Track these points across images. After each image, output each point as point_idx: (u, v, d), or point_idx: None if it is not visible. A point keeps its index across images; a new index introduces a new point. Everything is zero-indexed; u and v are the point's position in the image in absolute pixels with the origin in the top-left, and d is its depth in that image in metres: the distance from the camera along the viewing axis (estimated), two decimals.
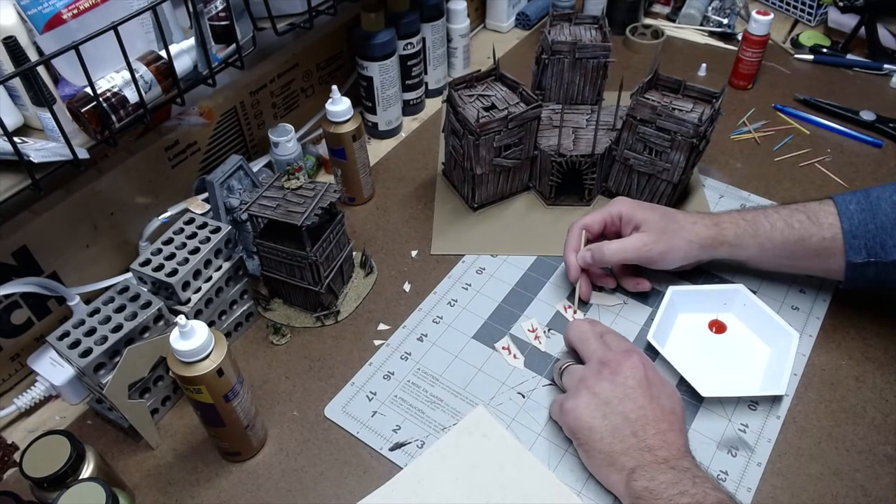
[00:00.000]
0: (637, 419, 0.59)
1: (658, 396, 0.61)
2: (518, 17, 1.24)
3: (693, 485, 0.54)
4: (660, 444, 0.57)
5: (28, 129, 0.69)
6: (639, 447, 0.58)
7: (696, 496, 0.53)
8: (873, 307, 0.75)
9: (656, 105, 0.78)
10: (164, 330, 0.65)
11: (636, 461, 0.57)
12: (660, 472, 0.55)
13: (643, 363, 0.63)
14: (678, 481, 0.54)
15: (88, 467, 0.56)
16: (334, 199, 0.72)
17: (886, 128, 0.97)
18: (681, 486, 0.54)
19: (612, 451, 0.59)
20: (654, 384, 0.61)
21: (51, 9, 0.61)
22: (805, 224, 0.70)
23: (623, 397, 0.60)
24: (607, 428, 0.59)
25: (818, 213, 0.70)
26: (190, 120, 0.82)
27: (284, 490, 0.64)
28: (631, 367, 0.62)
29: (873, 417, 0.67)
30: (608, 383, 0.61)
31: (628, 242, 0.73)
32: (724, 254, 0.73)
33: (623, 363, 0.62)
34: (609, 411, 0.60)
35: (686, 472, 0.55)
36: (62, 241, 0.72)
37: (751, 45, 1.03)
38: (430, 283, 0.81)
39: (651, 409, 0.60)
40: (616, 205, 0.76)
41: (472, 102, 0.83)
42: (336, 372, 0.73)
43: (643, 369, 0.62)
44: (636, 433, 0.58)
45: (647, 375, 0.62)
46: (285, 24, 0.80)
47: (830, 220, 0.69)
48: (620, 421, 0.59)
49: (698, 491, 0.53)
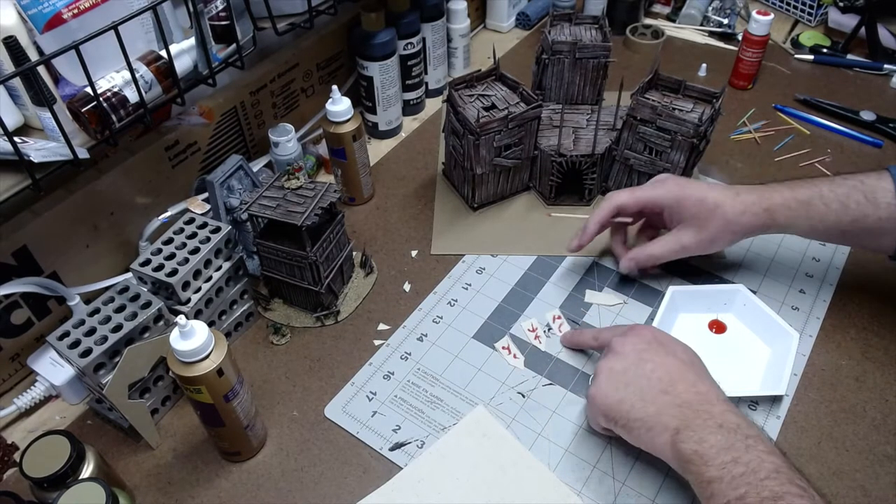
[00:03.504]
0: (661, 377, 0.58)
1: (674, 351, 0.60)
2: (518, 17, 1.24)
3: (746, 449, 0.51)
4: (696, 398, 0.56)
5: (28, 128, 0.69)
6: (675, 403, 0.56)
7: (749, 464, 0.50)
8: (873, 307, 0.75)
9: (656, 105, 0.78)
10: (164, 330, 0.65)
11: (678, 419, 0.55)
12: (708, 432, 0.53)
13: (648, 328, 0.63)
14: (730, 445, 0.52)
15: (88, 467, 0.56)
16: (334, 198, 0.72)
17: (886, 128, 0.97)
18: (734, 452, 0.51)
19: (647, 416, 0.57)
20: (665, 342, 0.61)
21: (51, 8, 0.61)
22: (862, 205, 0.66)
23: (638, 361, 0.60)
24: (635, 394, 0.58)
25: (875, 192, 0.66)
26: (190, 120, 0.82)
27: (284, 490, 0.64)
28: (636, 333, 0.62)
29: (873, 417, 0.67)
30: (619, 356, 0.61)
31: (671, 244, 0.73)
32: (775, 231, 0.71)
33: (627, 334, 0.63)
34: (630, 379, 0.59)
35: (736, 431, 0.53)
36: (62, 241, 0.72)
37: (751, 45, 1.03)
38: (430, 282, 0.81)
39: (671, 363, 0.59)
40: (657, 189, 0.73)
41: (473, 102, 0.83)
42: (336, 372, 0.73)
43: (650, 332, 0.62)
44: (665, 391, 0.57)
45: (656, 336, 0.62)
46: (285, 24, 0.80)
47: (888, 199, 0.65)
48: (645, 383, 0.58)
49: (752, 457, 0.51)
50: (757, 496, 0.49)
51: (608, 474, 0.63)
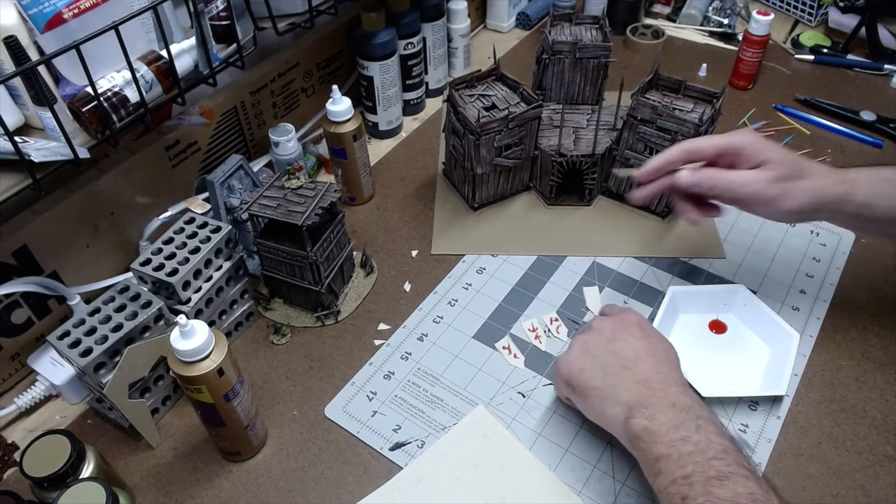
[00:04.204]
0: (627, 355, 0.58)
1: (649, 336, 0.60)
2: (518, 17, 1.24)
3: (696, 429, 0.51)
4: (655, 378, 0.56)
5: (29, 128, 0.69)
6: (633, 380, 0.56)
7: (699, 443, 0.50)
8: (873, 307, 0.75)
9: (657, 105, 0.78)
10: (165, 329, 0.65)
11: (632, 394, 0.56)
12: (660, 410, 0.53)
13: (636, 316, 0.63)
14: (680, 423, 0.52)
15: (88, 467, 0.56)
16: (334, 198, 0.72)
17: (887, 128, 0.97)
18: (683, 431, 0.51)
19: (605, 386, 0.58)
20: (644, 328, 0.62)
21: (52, 8, 0.61)
22: None
23: (612, 339, 0.60)
24: (598, 366, 0.59)
25: None
26: (190, 119, 0.82)
27: (284, 490, 0.64)
28: (621, 316, 0.63)
29: (873, 417, 0.67)
30: (596, 332, 0.62)
31: (745, 175, 0.64)
32: (847, 214, 0.65)
33: (613, 315, 0.64)
34: (598, 352, 0.60)
35: (688, 410, 0.53)
36: (62, 241, 0.72)
37: (751, 46, 1.03)
38: (431, 282, 0.81)
39: (642, 346, 0.59)
40: (738, 135, 0.66)
41: (473, 102, 0.83)
42: (336, 372, 0.73)
43: (635, 318, 0.63)
44: (627, 367, 0.58)
45: (639, 322, 0.62)
46: (286, 24, 0.80)
47: None
48: (611, 358, 0.59)
49: (701, 437, 0.51)
50: (703, 475, 0.49)
51: (608, 474, 0.63)
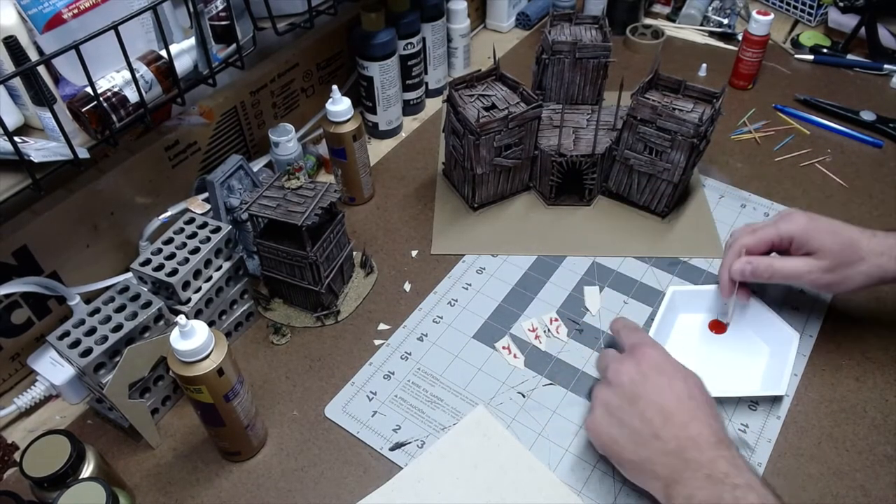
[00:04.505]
0: (652, 417, 0.56)
1: (670, 384, 0.58)
2: (518, 17, 1.24)
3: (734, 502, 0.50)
4: (686, 444, 0.54)
5: (28, 128, 0.69)
6: (664, 451, 0.55)
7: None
8: (873, 308, 0.75)
9: (657, 105, 0.78)
10: (165, 330, 0.65)
11: (667, 468, 0.54)
12: (697, 487, 0.52)
13: (649, 353, 0.60)
14: (718, 501, 0.51)
15: (88, 467, 0.56)
16: (334, 198, 0.72)
17: (886, 128, 0.97)
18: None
19: (639, 459, 0.56)
20: (661, 373, 0.59)
21: (51, 8, 0.61)
22: None
23: (633, 397, 0.58)
24: (627, 435, 0.57)
25: None
26: (190, 120, 0.82)
27: (284, 490, 0.64)
28: (634, 361, 0.60)
29: (873, 417, 0.67)
30: (615, 389, 0.59)
31: (798, 265, 0.66)
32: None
33: (626, 360, 0.60)
34: (623, 417, 0.58)
35: (723, 481, 0.52)
36: (62, 241, 0.72)
37: (751, 46, 1.03)
38: (431, 282, 0.81)
39: (665, 400, 0.57)
40: (789, 222, 0.67)
41: (473, 102, 0.83)
42: (336, 372, 0.73)
43: (648, 360, 0.60)
44: (657, 434, 0.56)
45: (655, 363, 0.59)
46: (286, 24, 0.80)
47: None
48: (637, 423, 0.57)
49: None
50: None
51: (608, 474, 0.63)
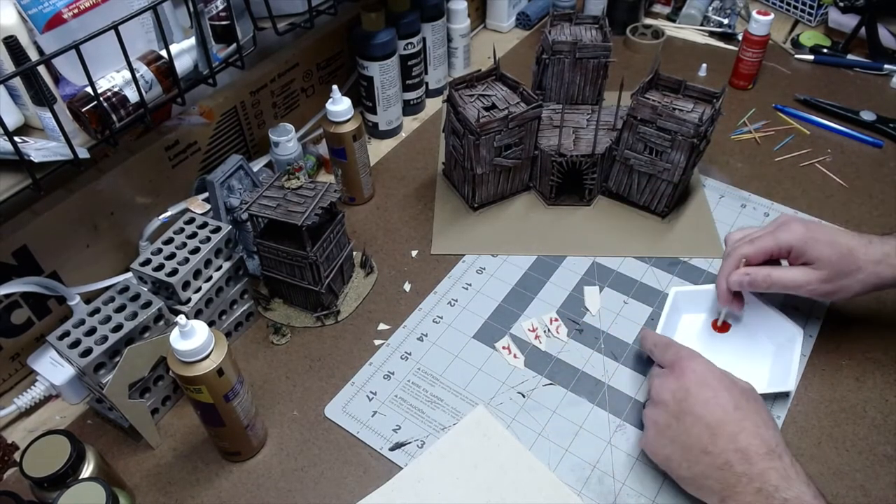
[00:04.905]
0: (700, 433, 0.56)
1: (715, 398, 0.57)
2: (518, 17, 1.24)
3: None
4: (735, 457, 0.55)
5: (28, 128, 0.69)
6: (715, 465, 0.55)
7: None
8: (873, 308, 0.75)
9: (657, 105, 0.78)
10: (165, 330, 0.65)
11: (720, 483, 0.55)
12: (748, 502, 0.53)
13: (690, 366, 0.60)
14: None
15: (88, 467, 0.56)
16: (334, 198, 0.72)
17: (886, 128, 0.97)
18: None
19: (693, 476, 0.57)
20: (705, 386, 0.58)
21: (51, 8, 0.61)
22: None
23: (679, 413, 0.58)
24: (679, 452, 0.58)
25: None
26: (190, 120, 0.82)
27: (284, 490, 0.64)
28: (676, 377, 0.60)
29: (873, 417, 0.67)
30: (661, 408, 0.60)
31: (795, 276, 0.67)
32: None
33: (668, 376, 0.61)
34: (672, 435, 0.58)
35: (774, 497, 0.52)
36: (62, 241, 0.72)
37: (751, 46, 1.03)
38: (431, 282, 0.81)
39: (710, 414, 0.57)
40: (787, 232, 0.67)
41: (473, 102, 0.83)
42: (336, 372, 0.73)
43: (690, 375, 0.59)
44: (706, 450, 0.56)
45: (698, 377, 0.59)
46: (286, 24, 0.80)
47: None
48: (686, 439, 0.57)
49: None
50: None
51: (608, 474, 0.63)
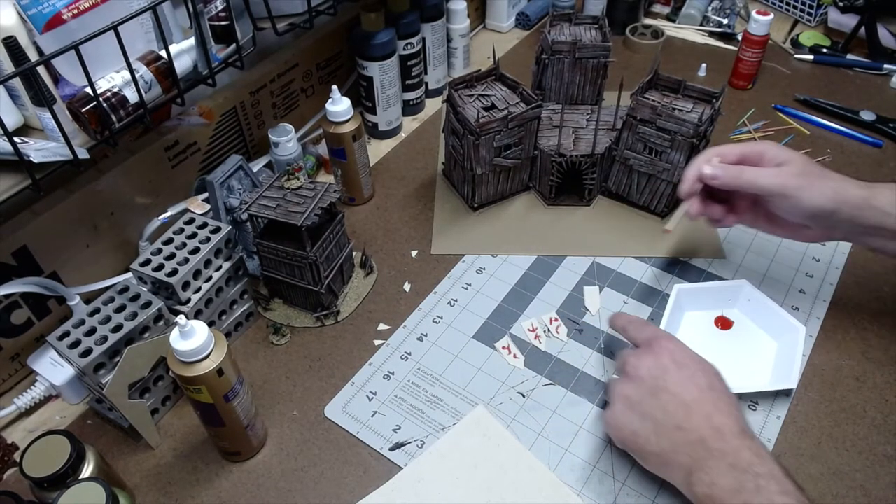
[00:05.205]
0: (675, 410, 0.56)
1: (691, 377, 0.58)
2: (518, 17, 1.24)
3: (756, 491, 0.51)
4: (710, 434, 0.55)
5: (28, 128, 0.69)
6: (688, 440, 0.55)
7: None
8: (873, 307, 0.75)
9: (656, 105, 0.78)
10: (164, 330, 0.65)
11: (691, 458, 0.55)
12: (719, 474, 0.53)
13: (667, 346, 0.61)
14: (741, 487, 0.51)
15: (88, 467, 0.56)
16: (334, 198, 0.72)
17: (886, 128, 0.97)
18: (744, 495, 0.51)
19: (662, 451, 0.57)
20: (682, 366, 0.59)
21: (51, 9, 0.61)
22: None
23: (654, 389, 0.58)
24: (650, 428, 0.57)
25: None
26: (190, 120, 0.82)
27: (284, 490, 0.64)
28: (653, 355, 0.60)
29: (873, 417, 0.67)
30: (635, 383, 0.59)
31: (769, 171, 0.66)
32: (871, 219, 0.65)
33: (645, 354, 0.61)
34: (645, 409, 0.58)
35: (747, 470, 0.52)
36: (62, 241, 0.72)
37: (751, 45, 1.03)
38: (430, 282, 0.81)
39: (687, 392, 0.57)
40: (760, 143, 0.69)
41: (472, 102, 0.83)
42: (336, 372, 0.73)
43: (667, 353, 0.60)
44: (680, 426, 0.56)
45: (674, 357, 0.60)
46: (285, 24, 0.80)
47: None
48: (660, 415, 0.57)
49: (762, 500, 0.50)
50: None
51: (608, 474, 0.63)
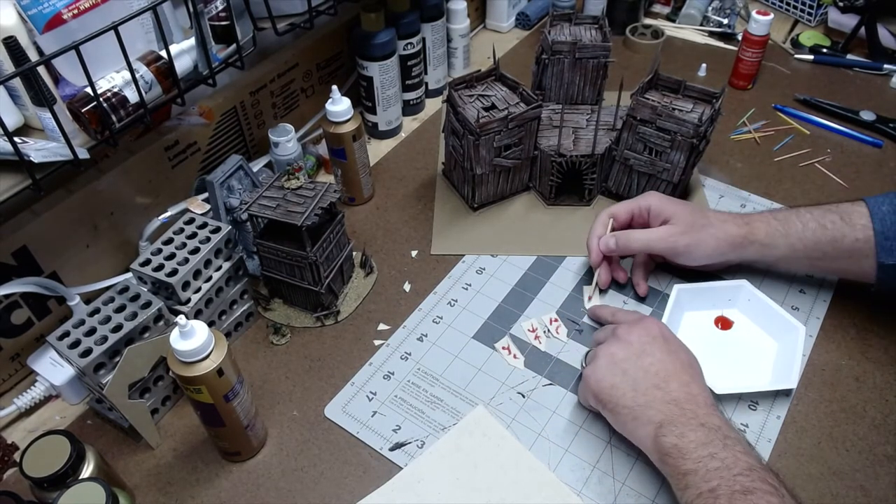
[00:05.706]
0: (657, 372, 0.60)
1: (676, 351, 0.62)
2: (518, 17, 1.24)
3: (723, 447, 0.53)
4: (685, 397, 0.58)
5: (28, 128, 0.69)
6: (664, 399, 0.58)
7: (725, 460, 0.53)
8: (873, 307, 0.75)
9: (656, 105, 0.78)
10: (164, 330, 0.65)
11: (663, 414, 0.57)
12: (689, 429, 0.55)
13: (657, 323, 0.65)
14: (708, 441, 0.54)
15: (88, 467, 0.56)
16: (334, 199, 0.72)
17: (886, 128, 0.97)
18: (711, 448, 0.54)
19: (636, 405, 0.59)
20: (669, 340, 0.63)
21: (51, 9, 0.61)
22: (837, 225, 0.69)
23: (640, 353, 0.62)
24: (628, 383, 0.60)
25: (851, 214, 0.69)
26: (190, 120, 0.82)
27: (284, 490, 0.64)
28: (644, 326, 0.64)
29: (873, 417, 0.67)
30: (623, 344, 0.63)
31: (656, 232, 0.74)
32: (754, 254, 0.72)
33: (636, 324, 0.65)
34: (628, 367, 0.61)
35: (717, 430, 0.55)
36: (62, 241, 0.72)
37: (751, 46, 1.03)
38: (430, 283, 0.81)
39: (670, 361, 0.61)
40: (646, 198, 0.76)
41: (472, 102, 0.83)
42: (336, 372, 0.73)
43: (657, 327, 0.64)
44: (658, 386, 0.59)
45: (662, 332, 0.64)
46: (285, 24, 0.80)
47: (863, 221, 0.68)
48: (641, 374, 0.60)
49: (728, 455, 0.53)
50: (728, 489, 0.51)
51: (608, 474, 0.63)
